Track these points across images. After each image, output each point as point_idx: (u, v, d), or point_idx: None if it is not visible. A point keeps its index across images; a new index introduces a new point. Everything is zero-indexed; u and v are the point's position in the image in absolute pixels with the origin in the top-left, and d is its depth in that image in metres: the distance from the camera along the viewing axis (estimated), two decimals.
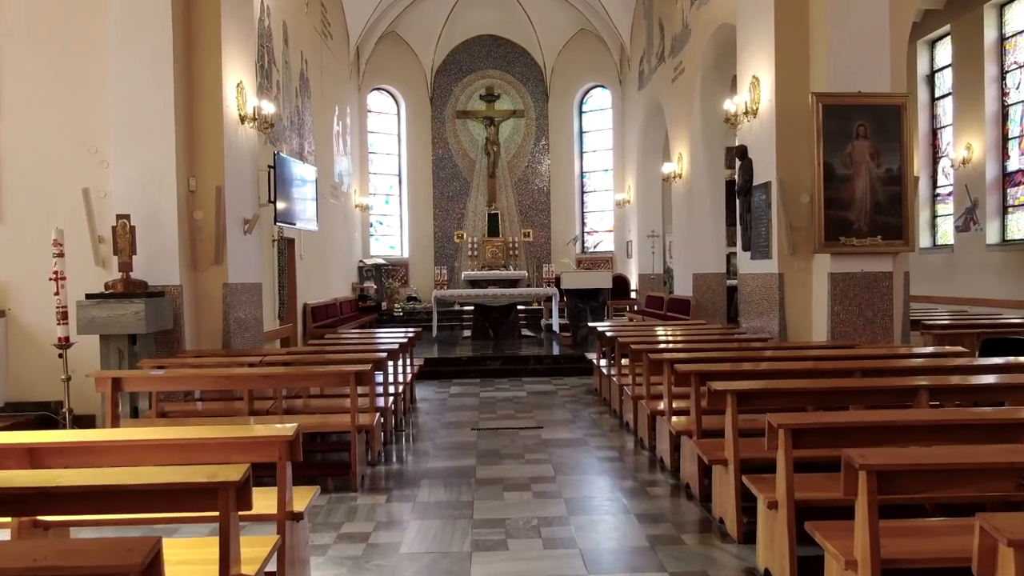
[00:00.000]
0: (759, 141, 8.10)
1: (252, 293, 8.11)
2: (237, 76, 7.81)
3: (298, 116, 12.12)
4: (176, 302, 7.07)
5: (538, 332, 15.68)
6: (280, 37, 11.17)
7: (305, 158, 12.48)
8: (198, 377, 5.56)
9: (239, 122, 7.85)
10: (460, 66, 19.58)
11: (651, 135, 16.28)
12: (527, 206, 19.72)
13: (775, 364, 5.49)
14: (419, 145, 19.59)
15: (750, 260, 8.35)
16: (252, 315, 8.09)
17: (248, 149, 8.13)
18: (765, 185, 7.89)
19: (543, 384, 10.41)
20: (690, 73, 12.32)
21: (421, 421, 8.02)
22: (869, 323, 7.31)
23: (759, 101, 8.04)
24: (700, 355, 6.05)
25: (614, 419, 7.88)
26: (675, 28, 13.14)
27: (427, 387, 10.24)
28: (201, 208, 7.39)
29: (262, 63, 10.19)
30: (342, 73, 16.32)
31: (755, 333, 8.23)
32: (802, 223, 7.58)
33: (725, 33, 10.83)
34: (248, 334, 7.98)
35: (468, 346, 13.20)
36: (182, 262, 7.18)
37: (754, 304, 8.28)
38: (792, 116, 7.62)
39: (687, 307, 12.38)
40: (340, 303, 14.46)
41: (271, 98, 10.56)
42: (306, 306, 12.13)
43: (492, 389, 10.03)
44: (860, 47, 7.29)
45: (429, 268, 19.22)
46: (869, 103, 7.26)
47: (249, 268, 8.06)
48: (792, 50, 7.64)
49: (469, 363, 11.36)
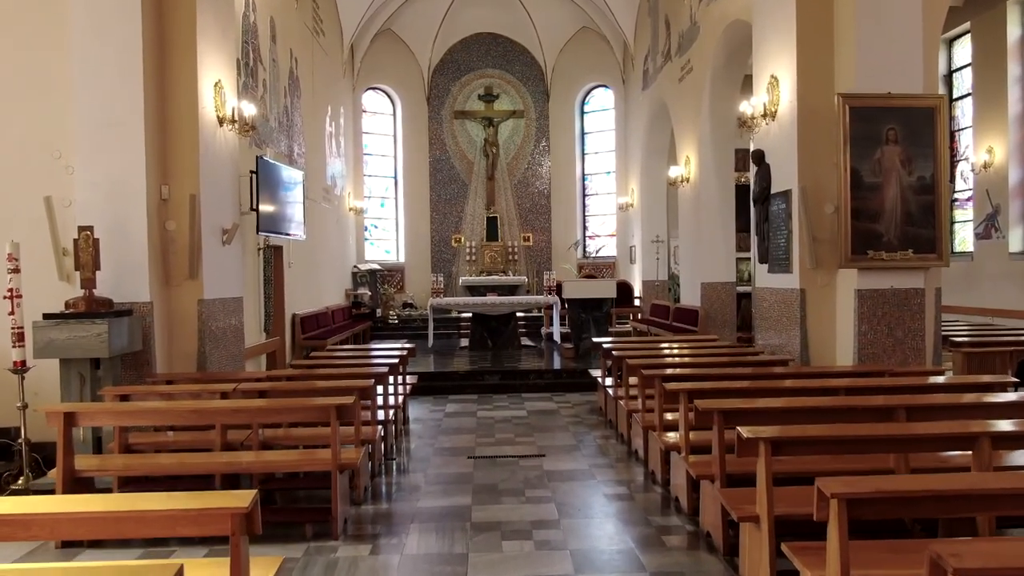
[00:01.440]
0: (778, 146, 7.53)
1: (231, 308, 7.53)
2: (215, 74, 7.23)
3: (287, 117, 11.53)
4: (146, 321, 6.48)
5: (538, 341, 15.10)
6: (267, 34, 10.58)
7: (295, 161, 11.90)
8: (162, 411, 4.98)
9: (217, 124, 7.27)
10: (458, 65, 19.00)
11: (656, 137, 15.71)
12: (527, 209, 19.14)
13: (805, 400, 4.91)
14: (416, 146, 19.01)
15: (768, 273, 7.78)
16: (231, 332, 7.51)
17: (227, 153, 7.55)
18: (785, 193, 7.32)
19: (544, 401, 9.83)
20: (699, 72, 11.75)
21: (413, 447, 7.44)
22: (899, 344, 6.74)
23: (778, 103, 7.46)
24: (718, 384, 5.48)
25: (621, 445, 7.30)
26: (682, 25, 12.56)
27: (422, 404, 9.67)
28: (174, 218, 6.80)
29: (247, 61, 9.60)
30: (335, 72, 15.74)
31: (773, 352, 7.65)
32: (826, 235, 7.01)
33: (737, 30, 10.26)
34: (227, 353, 7.39)
35: (465, 357, 12.63)
36: (153, 277, 6.60)
37: (772, 321, 7.70)
38: (815, 119, 7.05)
39: (695, 318, 11.81)
40: (332, 312, 13.87)
41: (257, 98, 9.98)
42: (295, 317, 11.54)
43: (490, 407, 9.45)
44: (890, 44, 6.72)
45: (426, 273, 18.63)
46: (900, 105, 6.69)
47: (228, 282, 7.48)
48: (815, 48, 7.06)
49: (466, 378, 10.78)
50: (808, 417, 4.61)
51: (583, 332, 12.16)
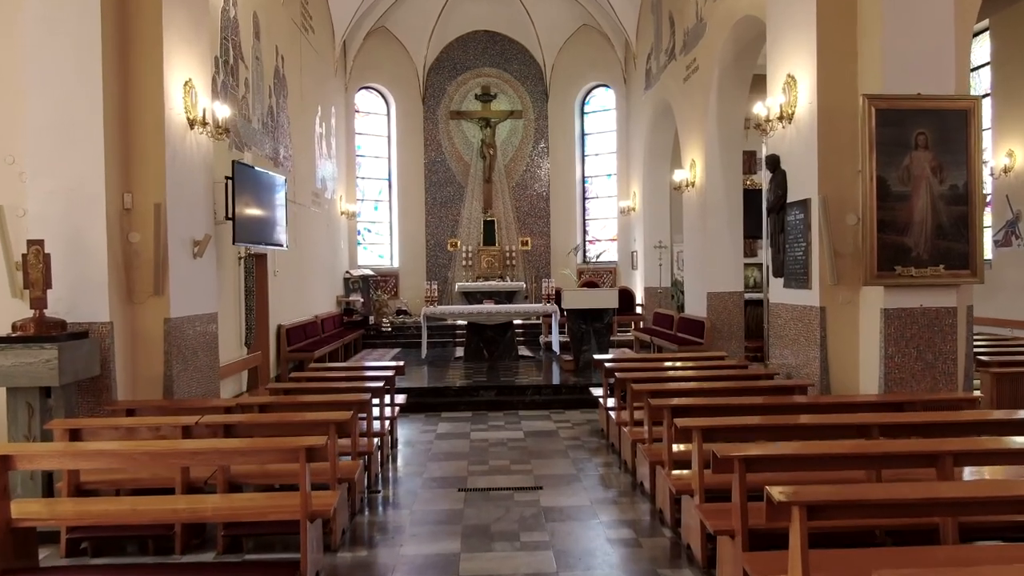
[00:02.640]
0: (795, 151, 6.96)
1: (204, 326, 6.96)
2: (184, 72, 6.65)
3: (272, 117, 10.96)
4: (105, 343, 5.91)
5: (537, 351, 14.53)
6: (249, 30, 10.01)
7: (281, 164, 11.33)
8: (110, 454, 4.41)
9: (187, 127, 6.70)
10: (454, 64, 18.43)
11: (659, 138, 15.14)
12: (525, 213, 18.57)
13: (838, 445, 4.35)
14: (410, 148, 18.43)
15: (783, 288, 7.21)
16: (204, 352, 6.94)
17: (199, 158, 6.98)
18: (803, 203, 6.75)
19: (542, 420, 9.27)
20: (705, 71, 11.18)
21: (401, 476, 6.88)
22: (929, 367, 6.17)
23: (795, 104, 6.89)
24: (735, 421, 4.93)
25: (625, 475, 6.74)
26: (688, 22, 11.99)
27: (413, 423, 9.10)
28: (138, 229, 6.23)
29: (226, 59, 9.03)
30: (326, 71, 15.16)
31: (788, 374, 7.09)
32: (848, 248, 6.44)
33: (747, 26, 9.69)
34: (199, 375, 6.83)
35: (460, 369, 12.07)
36: (113, 294, 6.03)
37: (788, 340, 7.14)
38: (837, 122, 6.48)
39: (700, 329, 11.24)
40: (322, 320, 13.29)
41: (238, 98, 9.41)
42: (280, 328, 10.97)
43: (485, 427, 8.88)
44: (920, 40, 6.15)
45: (420, 279, 18.04)
46: (931, 107, 6.12)
47: (199, 297, 6.91)
48: (837, 44, 6.49)
49: (460, 394, 10.21)
50: (841, 465, 4.07)
51: (583, 344, 11.59)
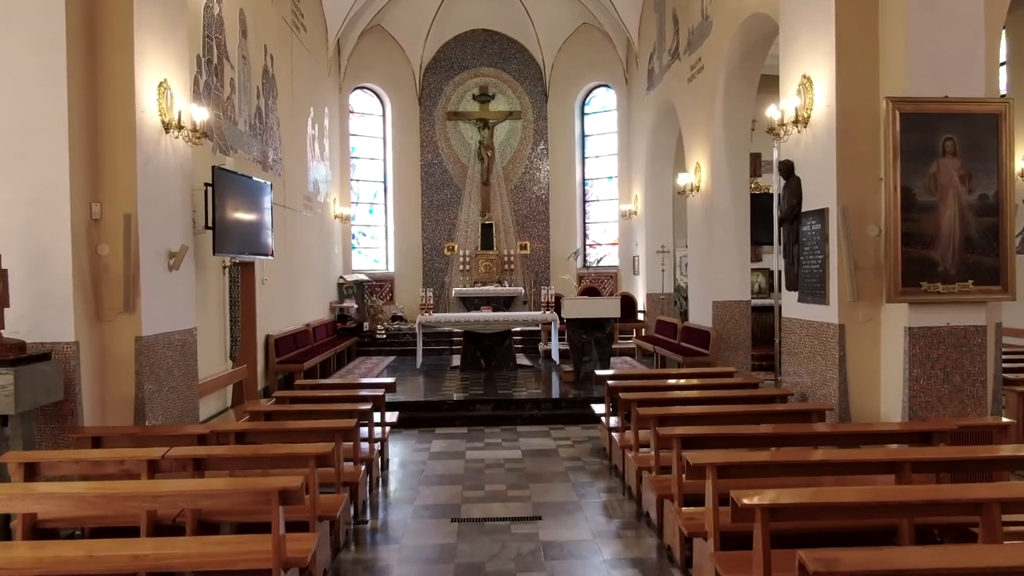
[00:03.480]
0: (811, 156, 6.54)
1: (180, 344, 6.53)
2: (159, 73, 6.22)
3: (260, 119, 10.52)
4: (69, 365, 5.48)
5: (536, 359, 14.11)
6: (236, 28, 9.57)
7: (270, 167, 10.90)
8: (61, 497, 3.97)
9: (162, 131, 6.27)
10: (451, 63, 18.00)
11: (662, 140, 14.72)
12: (524, 216, 18.14)
13: (876, 493, 3.90)
14: (406, 149, 17.99)
15: (798, 303, 6.79)
16: (180, 371, 6.51)
17: (175, 164, 6.54)
18: (820, 212, 6.32)
19: (541, 437, 8.84)
20: (711, 72, 10.75)
21: (391, 502, 6.45)
22: (956, 390, 5.75)
23: (811, 107, 6.47)
24: (755, 456, 4.50)
25: (629, 503, 6.31)
26: (693, 21, 11.56)
27: (406, 440, 8.68)
28: (107, 241, 5.80)
29: (209, 58, 8.60)
30: (319, 70, 14.72)
31: (803, 394, 6.67)
32: (868, 261, 6.01)
33: (756, 25, 9.28)
34: (175, 395, 6.40)
35: (456, 379, 11.64)
36: (80, 312, 5.60)
37: (803, 357, 6.71)
38: (857, 127, 6.06)
39: (706, 340, 10.82)
40: (313, 329, 12.86)
41: (223, 99, 8.97)
42: (269, 338, 10.54)
43: (481, 445, 8.46)
44: (947, 39, 5.72)
45: (417, 284, 17.63)
46: (959, 111, 5.69)
47: (176, 312, 6.48)
48: (858, 43, 6.07)
49: (455, 408, 9.78)
50: (879, 514, 3.66)
51: (584, 354, 11.16)
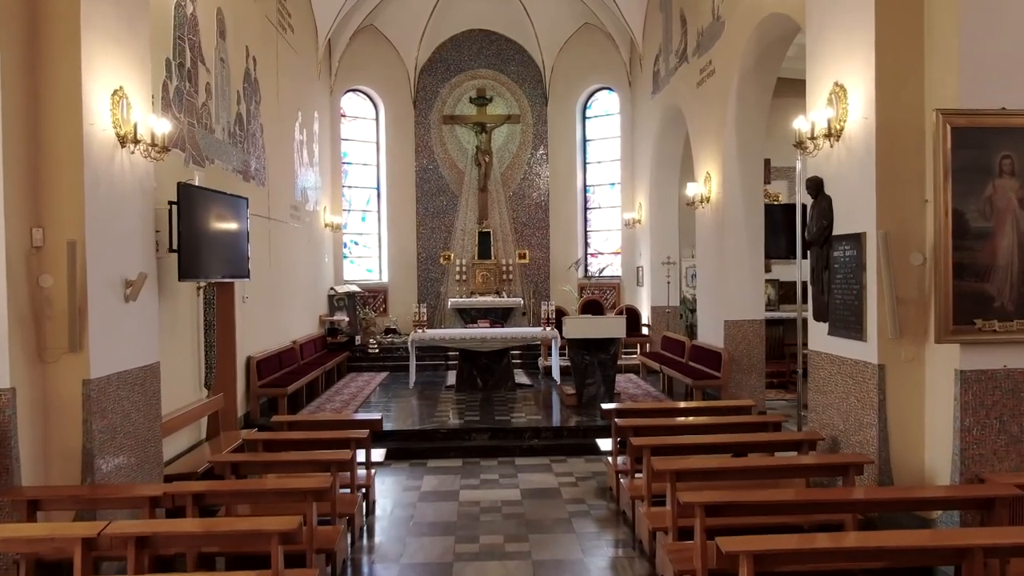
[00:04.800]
0: (845, 174, 5.85)
1: (139, 382, 5.83)
2: (113, 79, 5.53)
3: (241, 126, 9.83)
4: (5, 415, 4.78)
5: (535, 376, 13.43)
6: (212, 28, 8.87)
7: (252, 177, 10.20)
8: None
9: (117, 145, 5.57)
10: (448, 65, 17.30)
11: (667, 146, 14.04)
12: (523, 224, 17.44)
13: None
14: (401, 154, 17.29)
15: (828, 336, 6.10)
16: (139, 413, 5.82)
17: (134, 182, 5.85)
18: (855, 237, 5.64)
19: (542, 472, 8.16)
20: (723, 75, 10.07)
21: (375, 559, 5.77)
22: (1015, 442, 5.07)
23: (845, 118, 5.78)
24: (800, 544, 3.82)
25: (642, 562, 5.62)
26: (702, 21, 10.88)
27: (395, 475, 8.02)
28: (51, 271, 5.10)
29: (181, 61, 7.90)
30: (307, 72, 14.01)
31: (834, 439, 5.99)
32: (911, 293, 5.34)
33: (773, 26, 8.61)
34: (132, 442, 5.70)
35: (451, 402, 10.96)
36: (18, 353, 4.90)
37: (834, 398, 6.02)
38: (898, 141, 5.39)
39: (717, 362, 10.14)
40: (300, 346, 12.16)
41: (197, 106, 8.27)
42: (250, 360, 9.84)
43: (477, 483, 7.78)
44: (1004, 44, 5.05)
45: (411, 294, 16.95)
46: (1019, 125, 5.02)
47: (133, 348, 5.79)
48: (901, 47, 5.39)
49: (450, 437, 9.09)
50: None
51: (587, 377, 10.48)
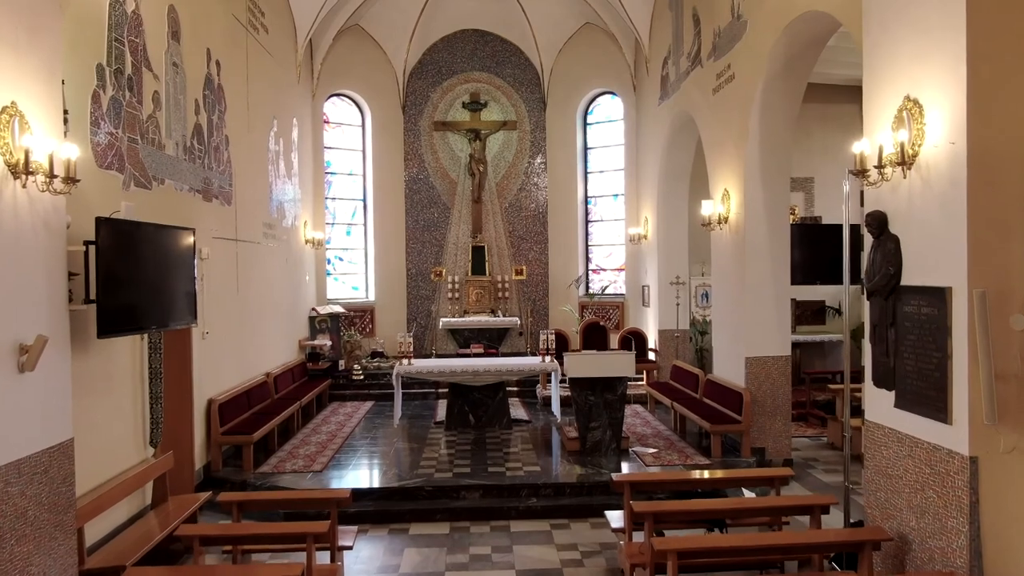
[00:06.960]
0: (920, 211, 4.72)
1: (42, 469, 4.69)
2: (2, 95, 4.38)
3: (200, 139, 8.67)
4: None
5: (533, 410, 12.31)
6: (163, 29, 7.72)
7: (215, 195, 9.05)
8: None
9: (7, 175, 4.43)
10: (439, 67, 16.16)
11: (677, 157, 12.92)
12: (519, 238, 16.30)
13: None
14: (389, 163, 16.13)
15: (893, 408, 4.97)
16: (41, 510, 4.67)
17: (35, 220, 4.70)
18: (937, 292, 4.51)
19: (542, 542, 7.04)
20: (744, 82, 8.94)
21: None
22: None
23: (920, 142, 4.66)
24: None
25: None
26: (719, 20, 9.74)
27: (372, 545, 6.92)
28: None
29: (119, 68, 6.75)
30: (284, 77, 12.85)
31: (904, 538, 4.85)
32: (1013, 367, 4.21)
33: (807, 26, 7.50)
34: (32, 547, 4.55)
35: (439, 445, 9.84)
36: None
37: (902, 487, 4.88)
38: (996, 173, 4.26)
39: (738, 403, 9.01)
40: (275, 379, 11.00)
41: (140, 120, 7.12)
42: (211, 404, 8.67)
43: (465, 560, 6.64)
44: None
45: (400, 313, 15.81)
46: None
47: (33, 429, 4.63)
48: (999, 55, 4.26)
49: (436, 496, 7.95)
50: None
51: (591, 419, 9.35)
